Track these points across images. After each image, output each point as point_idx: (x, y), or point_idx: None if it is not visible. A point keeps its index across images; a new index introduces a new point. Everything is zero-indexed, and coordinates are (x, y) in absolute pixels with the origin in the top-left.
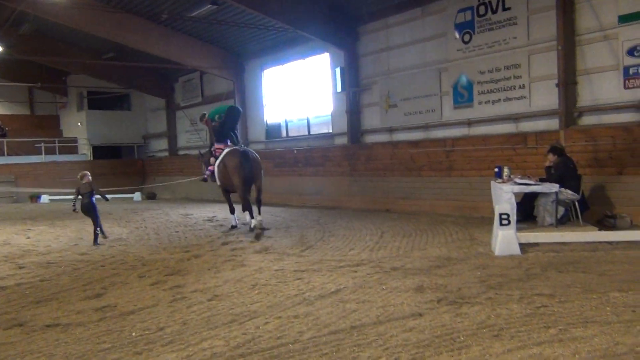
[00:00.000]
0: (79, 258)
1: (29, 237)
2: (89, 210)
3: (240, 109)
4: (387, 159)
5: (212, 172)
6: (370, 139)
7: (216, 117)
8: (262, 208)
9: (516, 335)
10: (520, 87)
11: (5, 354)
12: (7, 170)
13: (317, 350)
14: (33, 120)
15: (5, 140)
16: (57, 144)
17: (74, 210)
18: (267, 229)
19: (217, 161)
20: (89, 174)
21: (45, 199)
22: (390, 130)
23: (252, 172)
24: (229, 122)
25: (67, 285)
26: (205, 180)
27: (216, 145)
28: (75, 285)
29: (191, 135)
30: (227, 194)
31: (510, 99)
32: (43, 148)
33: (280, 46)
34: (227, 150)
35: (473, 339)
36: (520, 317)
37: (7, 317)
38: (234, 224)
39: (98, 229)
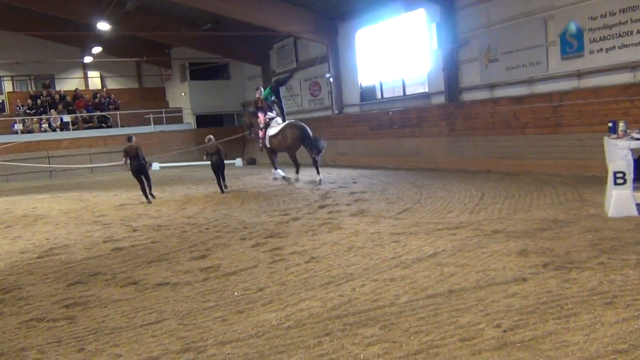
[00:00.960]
0: (186, 221)
1: (142, 202)
2: (218, 168)
3: (276, 82)
4: (487, 117)
5: (262, 137)
6: (468, 96)
7: (269, 96)
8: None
9: (632, 303)
10: (638, 32)
11: (121, 309)
12: (121, 141)
13: (414, 314)
14: (141, 93)
15: (118, 112)
16: (164, 115)
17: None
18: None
19: (275, 130)
20: (213, 137)
21: (155, 166)
22: (491, 86)
23: (309, 139)
24: (278, 97)
25: (175, 247)
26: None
27: (268, 116)
28: (182, 247)
29: (287, 101)
30: (273, 154)
31: (627, 46)
32: (152, 119)
33: (374, 5)
34: (286, 123)
35: (583, 306)
36: (636, 284)
37: (123, 276)
38: (283, 175)
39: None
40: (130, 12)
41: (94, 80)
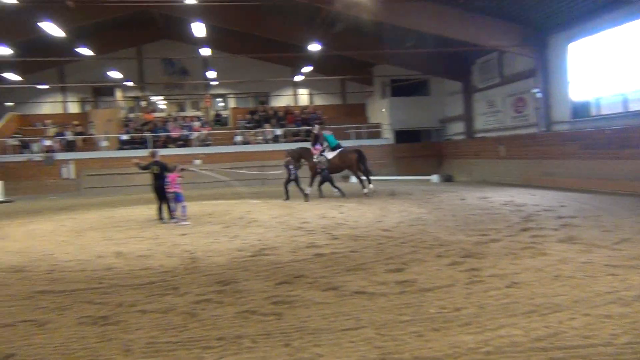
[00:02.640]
0: (382, 234)
1: (341, 213)
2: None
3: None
4: None
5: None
6: None
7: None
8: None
9: None
10: None
11: (322, 312)
12: None
13: (636, 359)
14: (345, 109)
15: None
16: (364, 130)
17: None
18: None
19: (331, 155)
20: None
21: (353, 179)
22: None
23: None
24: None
25: (372, 258)
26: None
27: (317, 148)
28: (379, 259)
29: (488, 118)
30: (316, 175)
31: None
32: (353, 134)
33: (589, 15)
34: (340, 149)
35: None
36: None
37: (324, 281)
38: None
39: None
40: (338, 33)
41: (303, 97)
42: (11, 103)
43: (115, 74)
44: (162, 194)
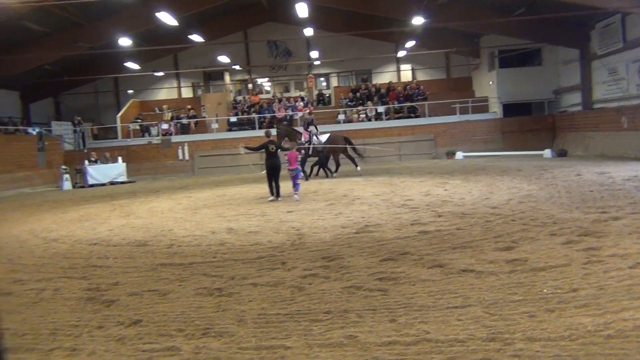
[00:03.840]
0: (490, 211)
1: (446, 190)
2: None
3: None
4: None
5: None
6: None
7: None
8: None
9: None
10: None
11: (428, 289)
12: (427, 130)
13: None
14: (449, 83)
15: (426, 103)
16: (470, 104)
17: None
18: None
19: (324, 139)
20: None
21: (459, 155)
22: None
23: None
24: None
25: (479, 236)
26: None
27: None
28: (486, 236)
29: (609, 87)
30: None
31: None
32: (457, 108)
33: None
34: (328, 134)
35: None
36: None
37: (429, 258)
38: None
39: None
40: (443, 4)
41: (406, 73)
42: (132, 90)
43: (224, 59)
44: (275, 173)
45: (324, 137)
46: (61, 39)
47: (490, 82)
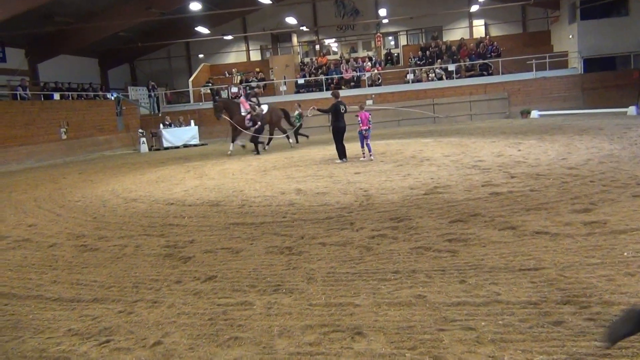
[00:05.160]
0: (567, 172)
1: (519, 150)
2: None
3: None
4: None
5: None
6: None
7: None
8: None
9: None
10: None
11: (499, 251)
12: (501, 88)
13: None
14: (524, 39)
15: (499, 59)
16: (547, 60)
17: None
18: None
19: (264, 109)
20: None
21: (535, 114)
22: None
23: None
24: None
25: (554, 197)
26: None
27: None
28: (562, 198)
29: None
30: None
31: None
32: (534, 64)
33: None
34: (266, 106)
35: None
36: None
37: (501, 220)
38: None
39: None
40: None
41: (478, 28)
42: (202, 55)
43: (291, 20)
44: (342, 134)
45: (264, 108)
46: (134, 6)
47: (571, 36)
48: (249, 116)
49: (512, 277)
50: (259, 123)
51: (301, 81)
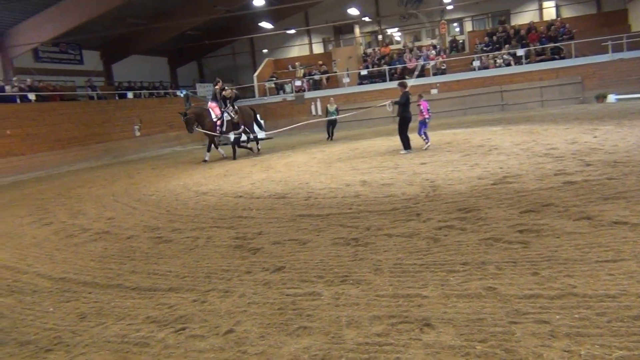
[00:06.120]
0: None
1: (595, 137)
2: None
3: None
4: None
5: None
6: None
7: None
8: None
9: None
10: None
11: (574, 242)
12: (574, 72)
13: None
14: (599, 19)
15: (572, 42)
16: (624, 40)
17: None
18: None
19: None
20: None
21: (612, 98)
22: None
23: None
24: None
25: (634, 185)
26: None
27: (214, 105)
28: None
29: None
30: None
31: None
32: (610, 46)
33: None
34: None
35: None
36: None
37: (576, 210)
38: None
39: None
40: None
41: (549, 10)
42: (266, 50)
43: (353, 11)
44: (409, 124)
45: (233, 116)
46: (201, 5)
47: None
48: (219, 122)
49: (588, 269)
50: (242, 127)
51: (364, 72)
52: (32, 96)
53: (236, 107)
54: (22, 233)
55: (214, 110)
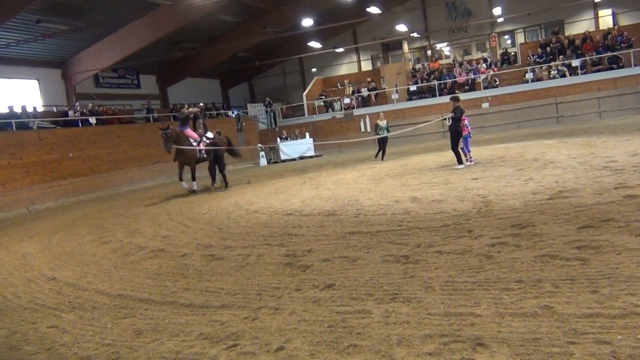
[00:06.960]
0: None
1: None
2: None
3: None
4: None
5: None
6: None
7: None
8: None
9: None
10: None
11: (636, 259)
12: (634, 81)
13: None
14: None
15: (631, 50)
16: None
17: None
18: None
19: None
20: None
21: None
22: None
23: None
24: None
25: None
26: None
27: (188, 131)
28: None
29: None
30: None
31: None
32: None
33: None
34: (210, 133)
35: None
36: None
37: (638, 225)
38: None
39: None
40: None
41: (605, 19)
42: (315, 69)
43: (401, 27)
44: (461, 137)
45: (210, 135)
46: (251, 27)
47: None
48: (201, 146)
49: None
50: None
51: (413, 88)
52: (92, 120)
53: (215, 131)
54: (82, 251)
55: (191, 135)
